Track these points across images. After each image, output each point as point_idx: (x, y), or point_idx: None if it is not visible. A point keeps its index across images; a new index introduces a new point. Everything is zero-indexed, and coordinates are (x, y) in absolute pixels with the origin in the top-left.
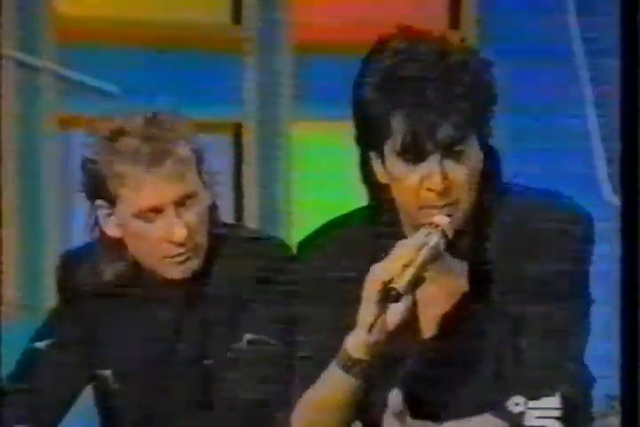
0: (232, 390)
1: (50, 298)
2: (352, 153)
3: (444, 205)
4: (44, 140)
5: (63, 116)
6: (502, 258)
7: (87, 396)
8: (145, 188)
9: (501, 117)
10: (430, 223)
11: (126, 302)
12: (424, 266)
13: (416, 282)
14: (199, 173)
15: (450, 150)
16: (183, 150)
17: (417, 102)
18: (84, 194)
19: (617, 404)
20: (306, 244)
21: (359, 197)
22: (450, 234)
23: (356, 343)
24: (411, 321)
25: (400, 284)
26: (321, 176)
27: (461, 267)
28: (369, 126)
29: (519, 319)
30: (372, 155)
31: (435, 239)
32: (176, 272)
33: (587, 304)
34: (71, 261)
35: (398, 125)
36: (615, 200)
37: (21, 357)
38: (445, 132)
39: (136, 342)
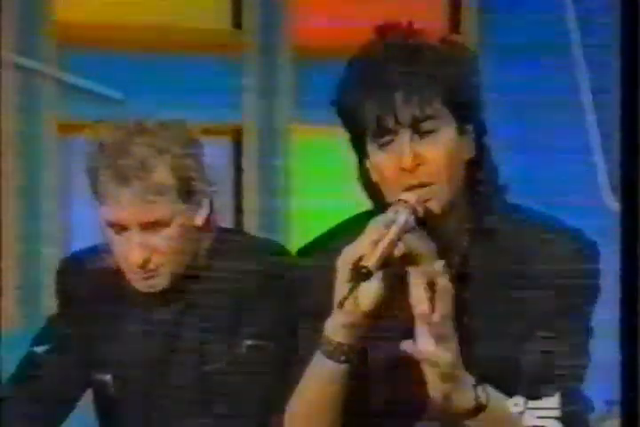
0: (232, 393)
1: (50, 302)
2: (352, 157)
3: (420, 186)
4: (43, 145)
5: (63, 121)
6: (500, 282)
7: (87, 397)
8: (111, 204)
9: (499, 120)
10: (399, 200)
11: (126, 306)
12: (393, 243)
13: (387, 260)
14: (182, 199)
15: (417, 129)
16: (162, 176)
17: (382, 86)
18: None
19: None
20: (306, 250)
21: (359, 202)
22: (420, 211)
23: (333, 326)
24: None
25: (370, 261)
26: (321, 180)
27: (432, 247)
28: (350, 122)
29: (519, 340)
30: (363, 154)
31: (403, 216)
32: (141, 285)
33: (586, 338)
34: (71, 266)
35: (369, 113)
36: (615, 206)
37: (21, 361)
38: (408, 110)
39: (135, 345)
